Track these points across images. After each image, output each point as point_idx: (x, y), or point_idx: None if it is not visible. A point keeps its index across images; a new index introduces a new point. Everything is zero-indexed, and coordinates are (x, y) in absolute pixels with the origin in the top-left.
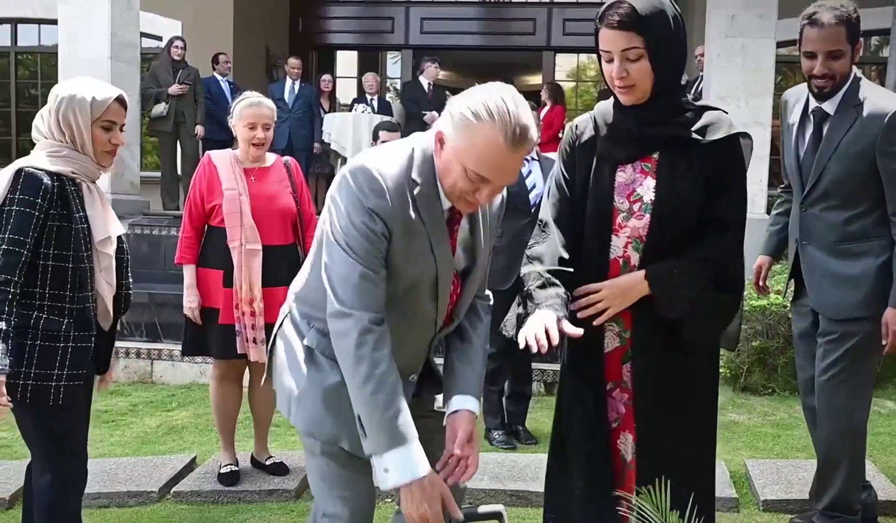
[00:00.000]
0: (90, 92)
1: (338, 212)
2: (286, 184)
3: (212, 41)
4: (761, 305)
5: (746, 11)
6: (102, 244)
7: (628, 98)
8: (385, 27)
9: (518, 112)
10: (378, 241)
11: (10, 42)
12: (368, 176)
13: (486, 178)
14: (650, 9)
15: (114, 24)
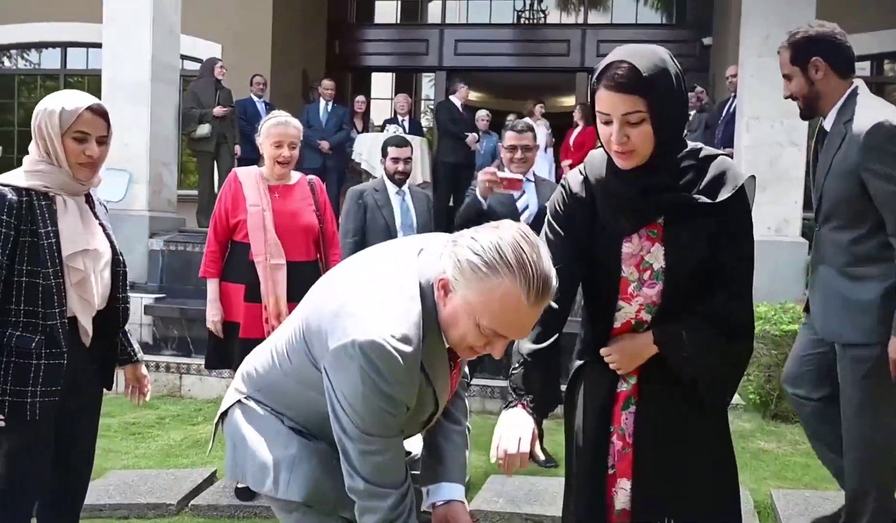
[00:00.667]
0: (61, 102)
1: (347, 389)
2: (309, 201)
3: (250, 63)
4: (792, 330)
5: (781, 31)
6: (71, 258)
7: (627, 163)
8: (420, 49)
9: (539, 260)
10: (398, 419)
11: (59, 65)
12: (388, 359)
13: (502, 335)
14: (652, 69)
15: (155, 47)
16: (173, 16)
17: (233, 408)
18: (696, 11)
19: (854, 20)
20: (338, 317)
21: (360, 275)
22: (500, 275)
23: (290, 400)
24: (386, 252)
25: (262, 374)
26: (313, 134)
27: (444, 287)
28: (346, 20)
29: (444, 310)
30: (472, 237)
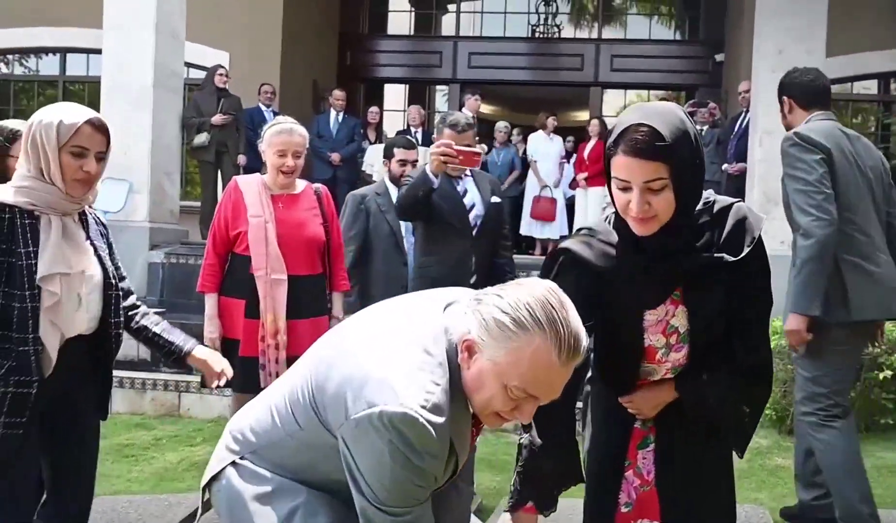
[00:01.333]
0: (59, 115)
1: (372, 462)
2: (316, 212)
3: (260, 73)
4: None
5: (794, 46)
6: (46, 281)
7: (647, 229)
8: (433, 61)
9: (569, 317)
10: (427, 490)
11: (58, 71)
12: (422, 433)
13: (533, 396)
14: (675, 133)
15: (158, 54)
16: (178, 21)
17: (224, 471)
18: (709, 28)
19: (863, 39)
20: (359, 382)
21: (379, 332)
22: (531, 334)
23: (296, 464)
24: (407, 306)
25: (260, 434)
26: (324, 144)
27: (468, 348)
28: (358, 31)
29: (468, 373)
30: (499, 294)
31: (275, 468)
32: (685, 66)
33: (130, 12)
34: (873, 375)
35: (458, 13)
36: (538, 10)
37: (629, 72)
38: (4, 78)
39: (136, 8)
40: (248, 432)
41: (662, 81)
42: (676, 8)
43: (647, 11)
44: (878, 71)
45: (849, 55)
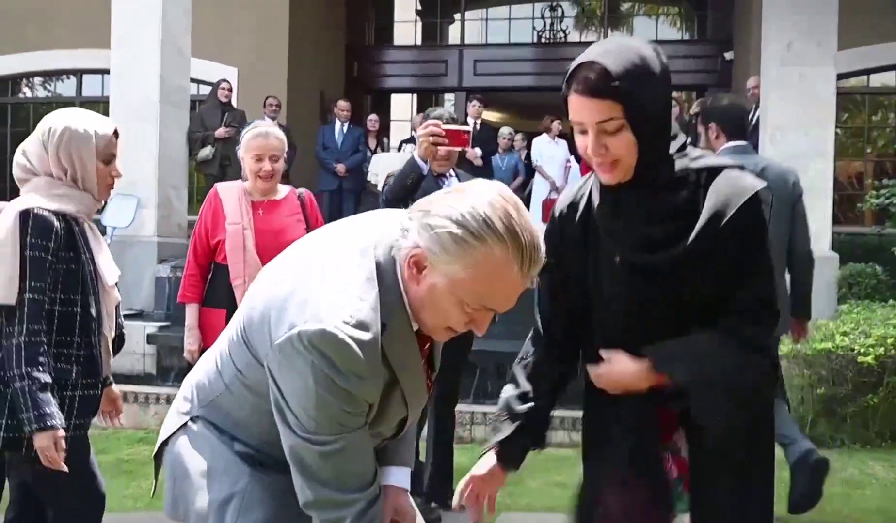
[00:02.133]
0: (90, 126)
1: (296, 388)
2: (298, 217)
3: (267, 86)
4: (825, 348)
5: (804, 39)
6: (114, 288)
7: (611, 176)
8: (439, 70)
9: (526, 223)
10: (359, 417)
11: (75, 92)
12: (343, 350)
13: (490, 309)
14: (628, 66)
15: (164, 69)
16: (183, 37)
17: (175, 435)
18: (717, 26)
19: (875, 31)
20: (280, 306)
21: (306, 256)
22: (488, 245)
23: (238, 414)
24: (339, 229)
25: (206, 387)
26: (329, 155)
27: (416, 264)
28: (365, 42)
29: (416, 289)
30: (449, 205)
31: (223, 423)
32: (694, 65)
33: (136, 30)
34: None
35: (464, 21)
36: (543, 15)
37: None
38: (23, 101)
39: (142, 25)
40: (195, 388)
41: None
42: (683, 7)
43: (654, 12)
44: (893, 63)
45: (863, 47)
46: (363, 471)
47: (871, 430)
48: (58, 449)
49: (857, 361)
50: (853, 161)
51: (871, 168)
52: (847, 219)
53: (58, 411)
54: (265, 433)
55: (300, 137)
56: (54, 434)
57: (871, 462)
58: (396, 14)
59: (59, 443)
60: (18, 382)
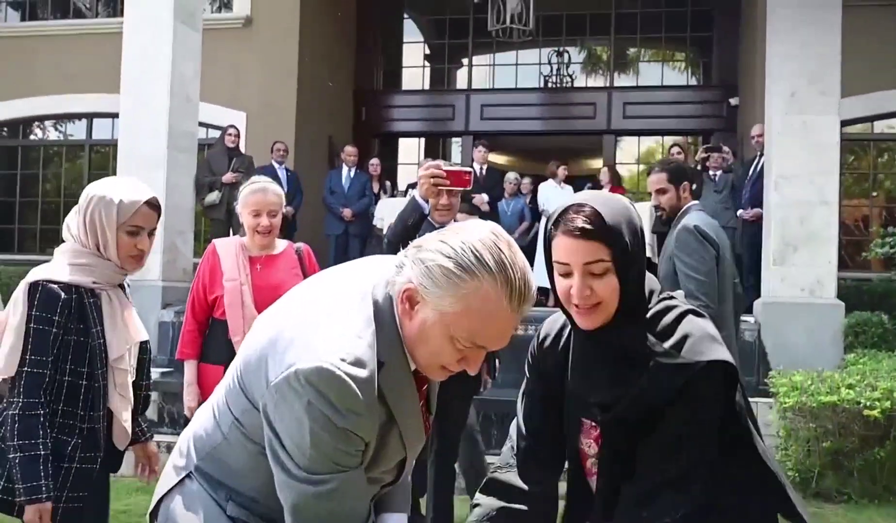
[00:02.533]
0: (119, 194)
1: (291, 428)
2: (296, 272)
3: (275, 130)
4: (831, 401)
5: (808, 87)
6: (118, 361)
7: (590, 321)
8: (446, 115)
9: (517, 259)
10: (355, 457)
11: (85, 135)
12: (340, 387)
13: (480, 346)
14: (617, 216)
15: (172, 115)
16: (191, 85)
17: (171, 493)
18: (723, 71)
19: (881, 77)
20: (277, 347)
21: (303, 300)
22: (479, 279)
23: (236, 464)
24: (335, 273)
25: (203, 438)
26: (336, 200)
27: (409, 298)
28: (373, 87)
29: (409, 325)
30: (441, 240)
31: (221, 478)
32: (699, 111)
33: (146, 77)
34: None
35: (471, 66)
36: (550, 60)
37: (642, 118)
38: (34, 144)
39: (152, 73)
40: (192, 442)
41: (676, 127)
42: (689, 52)
43: (660, 58)
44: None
45: (868, 94)
46: (357, 514)
47: (879, 484)
48: (43, 522)
49: (864, 415)
50: (859, 205)
51: (878, 213)
52: (854, 264)
53: (49, 483)
54: (263, 483)
55: (308, 182)
56: (41, 507)
57: (878, 518)
58: (405, 59)
59: (44, 517)
60: (12, 453)
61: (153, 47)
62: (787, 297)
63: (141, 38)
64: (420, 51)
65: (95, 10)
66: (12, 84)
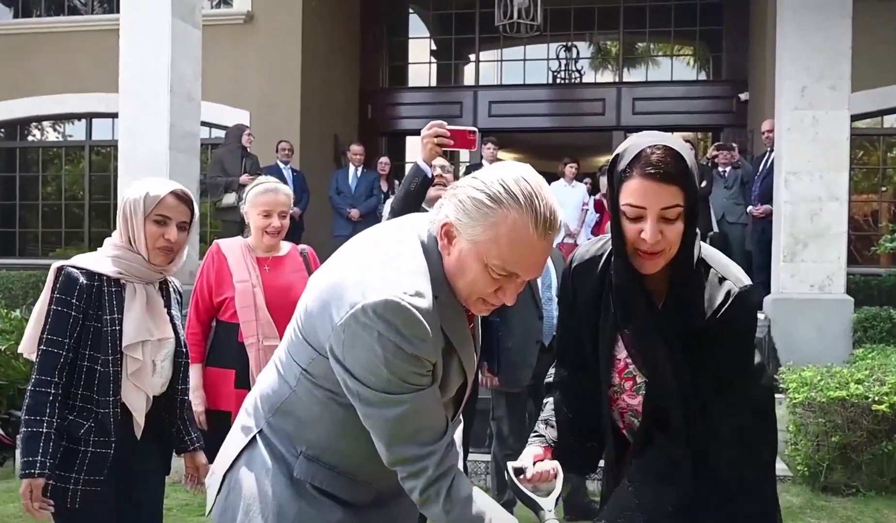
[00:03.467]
0: (147, 187)
1: (363, 361)
2: (303, 274)
3: (279, 129)
4: (839, 396)
5: (817, 83)
6: (131, 348)
7: (653, 265)
8: (454, 112)
9: (543, 192)
10: (425, 377)
11: (84, 136)
12: (407, 316)
13: (513, 274)
14: (691, 159)
15: (173, 116)
16: (192, 83)
17: (238, 461)
18: (733, 67)
19: (889, 72)
20: (339, 291)
21: (354, 250)
22: (506, 208)
23: (306, 414)
24: (379, 227)
25: (270, 396)
26: (343, 200)
27: (447, 233)
28: (379, 85)
29: (448, 259)
30: (474, 176)
31: (291, 431)
32: (709, 106)
33: (145, 76)
34: None
35: (478, 62)
36: (559, 56)
37: (652, 114)
38: (33, 145)
39: (151, 72)
40: (258, 401)
41: (686, 122)
42: (699, 47)
43: (669, 52)
44: None
45: (877, 89)
46: (436, 425)
47: (887, 477)
48: (33, 497)
49: (872, 409)
50: (868, 201)
51: (887, 208)
52: (864, 259)
53: (46, 461)
54: (332, 430)
55: (314, 182)
56: (33, 482)
57: (886, 510)
58: (411, 56)
59: (35, 492)
60: (21, 428)
61: (151, 45)
62: (797, 293)
63: (138, 35)
64: (426, 47)
65: (91, 7)
66: (8, 84)
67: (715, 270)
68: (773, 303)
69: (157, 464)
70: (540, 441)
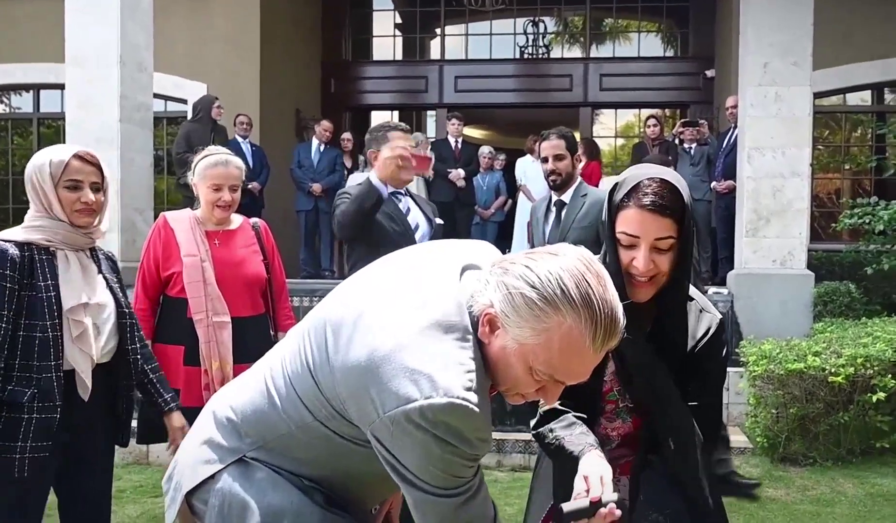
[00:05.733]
0: (49, 154)
1: (417, 459)
2: (255, 248)
3: (239, 103)
4: (797, 369)
5: (781, 59)
6: (73, 312)
7: (644, 293)
8: (419, 86)
9: (606, 295)
10: (472, 469)
11: (32, 108)
12: (470, 419)
13: (559, 381)
14: (685, 193)
15: (123, 86)
16: (144, 53)
17: (223, 472)
18: (699, 43)
19: (853, 49)
20: (383, 371)
21: (393, 299)
22: (562, 314)
23: (305, 454)
24: (419, 265)
25: (256, 422)
26: (304, 174)
27: (490, 323)
28: (342, 58)
29: (489, 348)
30: (527, 265)
31: (288, 464)
32: (676, 83)
33: (92, 46)
34: (867, 398)
35: (444, 36)
36: (525, 30)
37: (619, 90)
38: None
39: (99, 41)
40: (240, 419)
41: (653, 99)
42: (665, 24)
43: (636, 29)
44: (870, 81)
45: (840, 66)
46: (488, 510)
47: (843, 447)
48: None
49: (829, 381)
50: (832, 178)
51: (849, 185)
52: (827, 235)
53: None
54: (337, 468)
55: (274, 156)
56: None
57: (841, 479)
58: (375, 29)
59: None
60: None
61: (98, 11)
62: (760, 268)
63: (85, 2)
64: (390, 19)
65: None
66: None
67: (697, 302)
68: (736, 278)
69: (105, 433)
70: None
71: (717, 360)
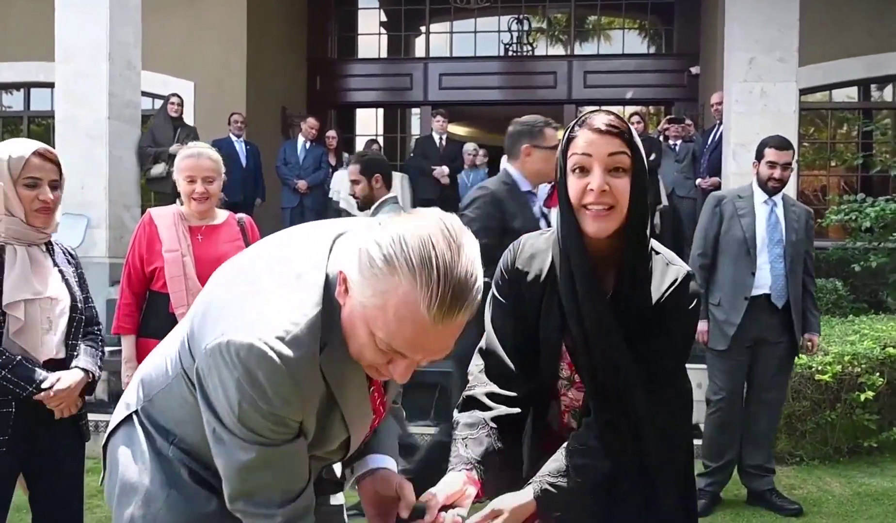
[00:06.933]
0: (7, 151)
1: (222, 396)
2: (239, 243)
3: (226, 102)
4: None
5: (766, 55)
6: (11, 307)
7: (602, 226)
8: (404, 84)
9: (453, 263)
10: (283, 434)
11: (23, 107)
12: (269, 367)
13: (401, 353)
14: (634, 129)
15: (112, 84)
16: (132, 51)
17: (117, 432)
18: (684, 40)
19: (839, 45)
20: (218, 309)
21: (258, 260)
22: (397, 277)
23: (178, 413)
24: (297, 232)
25: (152, 379)
26: (290, 171)
27: (344, 282)
28: (327, 56)
29: (343, 311)
30: (383, 225)
31: (163, 423)
32: (661, 80)
33: (82, 44)
34: (854, 396)
35: (429, 34)
36: (510, 28)
37: (603, 87)
38: None
39: (88, 39)
40: (142, 381)
41: (638, 96)
42: (650, 21)
43: (621, 26)
44: (856, 78)
45: (827, 62)
46: (286, 487)
47: (830, 446)
48: None
49: (816, 379)
50: (818, 175)
51: (836, 182)
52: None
53: None
54: (203, 440)
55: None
56: None
57: (828, 478)
58: (360, 27)
59: None
60: None
61: (88, 10)
62: None
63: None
64: (376, 17)
65: None
66: None
67: (662, 255)
68: None
69: (67, 431)
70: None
71: (682, 320)
